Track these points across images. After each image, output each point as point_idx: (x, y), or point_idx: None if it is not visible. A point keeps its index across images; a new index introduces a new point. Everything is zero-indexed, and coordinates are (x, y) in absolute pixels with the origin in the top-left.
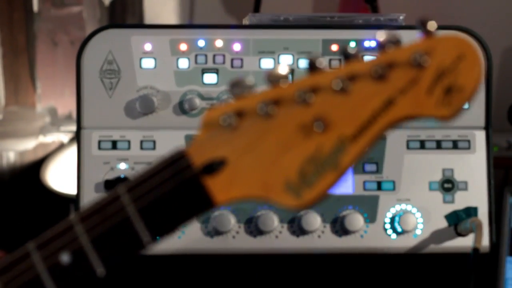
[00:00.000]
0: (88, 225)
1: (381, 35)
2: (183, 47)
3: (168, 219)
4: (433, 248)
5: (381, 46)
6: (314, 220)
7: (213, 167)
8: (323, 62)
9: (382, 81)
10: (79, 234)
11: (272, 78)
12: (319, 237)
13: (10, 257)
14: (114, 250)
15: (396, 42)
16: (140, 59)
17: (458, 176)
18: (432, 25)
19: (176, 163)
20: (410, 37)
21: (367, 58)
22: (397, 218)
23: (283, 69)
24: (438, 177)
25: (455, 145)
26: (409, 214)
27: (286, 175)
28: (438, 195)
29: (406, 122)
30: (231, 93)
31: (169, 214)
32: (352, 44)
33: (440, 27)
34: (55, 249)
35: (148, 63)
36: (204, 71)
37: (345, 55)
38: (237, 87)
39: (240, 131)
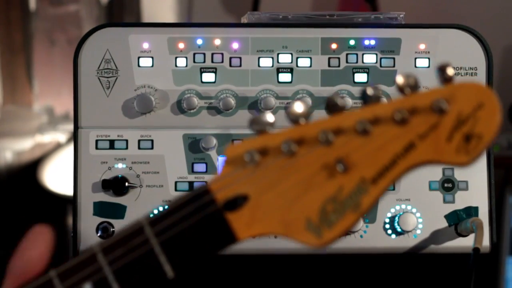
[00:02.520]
0: (112, 257)
1: (400, 79)
2: (181, 45)
3: (190, 253)
4: (433, 248)
5: (400, 89)
6: None
7: (236, 203)
8: (344, 102)
9: (403, 126)
10: (102, 265)
11: (293, 116)
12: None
13: (31, 284)
14: (137, 282)
15: (414, 86)
16: (138, 58)
17: (458, 176)
18: (450, 71)
19: (200, 199)
20: (410, 36)
21: (388, 101)
22: (397, 218)
23: (298, 108)
24: (438, 176)
25: None
26: (409, 214)
27: (307, 214)
28: (438, 195)
29: (425, 166)
30: (251, 129)
31: (191, 249)
32: (351, 42)
33: (440, 26)
34: (78, 279)
35: (145, 62)
36: (202, 70)
37: (364, 96)
38: (258, 124)
39: (263, 168)
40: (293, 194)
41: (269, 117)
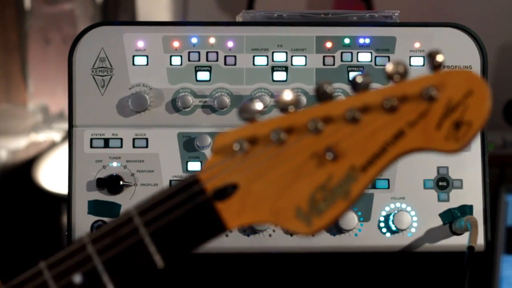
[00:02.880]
0: (100, 246)
1: (389, 66)
2: (176, 44)
3: (179, 243)
4: (428, 246)
5: (389, 76)
6: None
7: (225, 192)
8: (332, 89)
9: (393, 113)
10: (91, 255)
11: (282, 104)
12: (313, 236)
13: (22, 275)
14: (127, 272)
15: (403, 72)
16: (133, 56)
17: (453, 174)
18: (440, 57)
19: (189, 188)
20: (404, 35)
21: (378, 89)
22: (391, 217)
23: (287, 96)
24: (432, 175)
25: None
26: (404, 213)
27: (297, 203)
28: (433, 193)
29: (414, 153)
30: (241, 118)
31: (181, 238)
32: (346, 41)
33: (435, 25)
34: (67, 269)
35: (140, 60)
36: (197, 68)
37: (354, 85)
38: (246, 112)
39: (252, 157)
40: (282, 182)
41: (258, 105)
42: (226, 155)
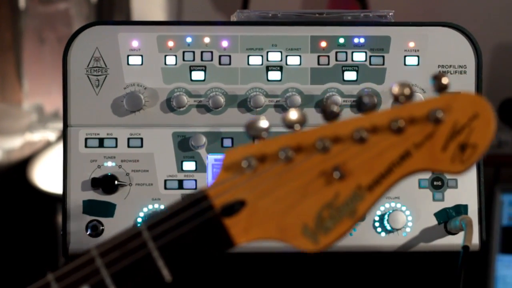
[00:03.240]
0: (108, 259)
1: (395, 88)
2: (171, 44)
3: (187, 258)
4: (422, 246)
5: (395, 98)
6: None
7: (233, 208)
8: (338, 108)
9: (399, 134)
10: (99, 268)
11: (288, 123)
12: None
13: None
14: (134, 285)
15: (409, 95)
16: (127, 56)
17: (447, 174)
18: (446, 80)
19: (197, 204)
20: (399, 34)
21: (385, 110)
22: (386, 216)
23: (293, 115)
24: (427, 174)
25: None
26: (399, 212)
27: (304, 220)
28: (427, 193)
29: (420, 173)
30: (248, 134)
31: (189, 253)
32: (341, 40)
33: (430, 24)
34: (75, 281)
35: (135, 60)
36: (191, 68)
37: (359, 105)
38: (253, 129)
39: (261, 175)
40: (290, 200)
41: (263, 123)
42: (235, 172)
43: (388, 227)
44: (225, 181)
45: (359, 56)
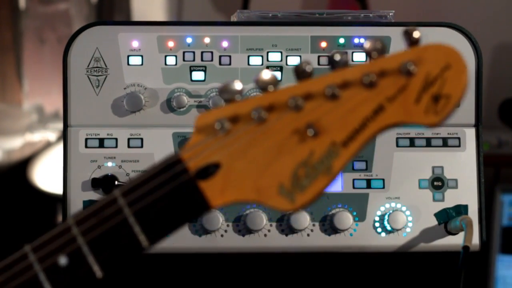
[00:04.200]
0: (85, 227)
1: (367, 43)
2: (171, 44)
3: (164, 223)
4: (423, 246)
5: (367, 54)
6: (303, 219)
7: (208, 171)
8: (311, 67)
9: (372, 89)
10: (76, 236)
11: (261, 84)
12: (308, 236)
13: (7, 259)
14: (112, 253)
15: (381, 50)
16: (128, 56)
17: (448, 174)
18: (416, 34)
19: (172, 168)
20: (400, 35)
21: (357, 65)
22: (386, 217)
23: (266, 75)
24: (427, 175)
25: (445, 142)
26: (399, 213)
27: (279, 179)
28: (428, 193)
29: (395, 128)
30: (221, 98)
31: (165, 218)
32: (341, 41)
33: (430, 24)
34: (52, 250)
35: (135, 60)
36: (192, 68)
37: (332, 62)
38: (227, 92)
39: (234, 136)
40: (264, 160)
41: (238, 85)
42: (208, 134)
43: (388, 228)
44: (199, 143)
45: (359, 56)
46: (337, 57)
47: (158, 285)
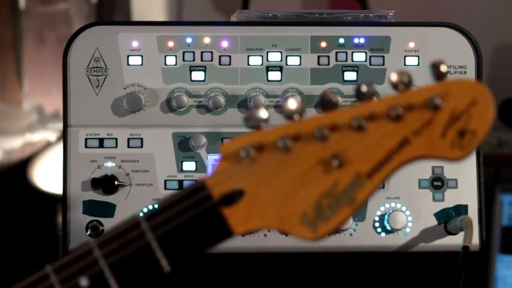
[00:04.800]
0: (107, 250)
1: (394, 76)
2: (171, 44)
3: (186, 248)
4: (422, 246)
5: (394, 86)
6: None
7: (232, 198)
8: (339, 99)
9: (398, 122)
10: (98, 259)
11: (287, 113)
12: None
13: (28, 279)
14: (133, 276)
15: (408, 83)
16: (127, 56)
17: (448, 174)
18: (444, 68)
19: (196, 194)
20: (399, 34)
21: (383, 98)
22: (386, 217)
23: (293, 104)
24: (427, 175)
25: None
26: (399, 212)
27: (303, 209)
28: (427, 193)
29: (419, 161)
30: (246, 125)
31: (188, 243)
32: (341, 41)
33: (430, 24)
34: (74, 272)
35: (135, 60)
36: (191, 68)
37: (358, 94)
38: (252, 120)
39: (259, 164)
40: (289, 189)
41: (263, 113)
42: (233, 161)
43: (388, 227)
44: (224, 171)
45: (359, 56)
46: (364, 89)
47: (158, 285)
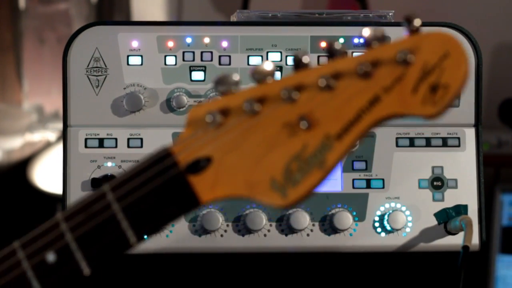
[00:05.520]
0: (73, 223)
1: (367, 32)
2: (171, 44)
3: (153, 218)
4: (422, 246)
5: (367, 43)
6: (302, 219)
7: (198, 165)
8: (308, 58)
9: (367, 79)
10: (64, 232)
11: (258, 75)
12: (308, 236)
13: None
14: (100, 249)
15: (381, 38)
16: (127, 56)
17: (447, 174)
18: (417, 22)
19: (161, 162)
20: (399, 34)
21: (353, 55)
22: (386, 217)
23: (268, 66)
24: (427, 174)
25: (444, 142)
26: (399, 212)
27: (272, 174)
28: (427, 193)
29: (391, 120)
30: (216, 90)
31: (154, 213)
32: (341, 41)
33: (429, 24)
34: (40, 247)
35: (135, 60)
36: (191, 68)
37: (330, 53)
38: (222, 84)
39: (225, 129)
40: (256, 154)
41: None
42: (199, 127)
43: (388, 227)
44: (189, 137)
45: None
46: (337, 46)
47: (158, 285)
